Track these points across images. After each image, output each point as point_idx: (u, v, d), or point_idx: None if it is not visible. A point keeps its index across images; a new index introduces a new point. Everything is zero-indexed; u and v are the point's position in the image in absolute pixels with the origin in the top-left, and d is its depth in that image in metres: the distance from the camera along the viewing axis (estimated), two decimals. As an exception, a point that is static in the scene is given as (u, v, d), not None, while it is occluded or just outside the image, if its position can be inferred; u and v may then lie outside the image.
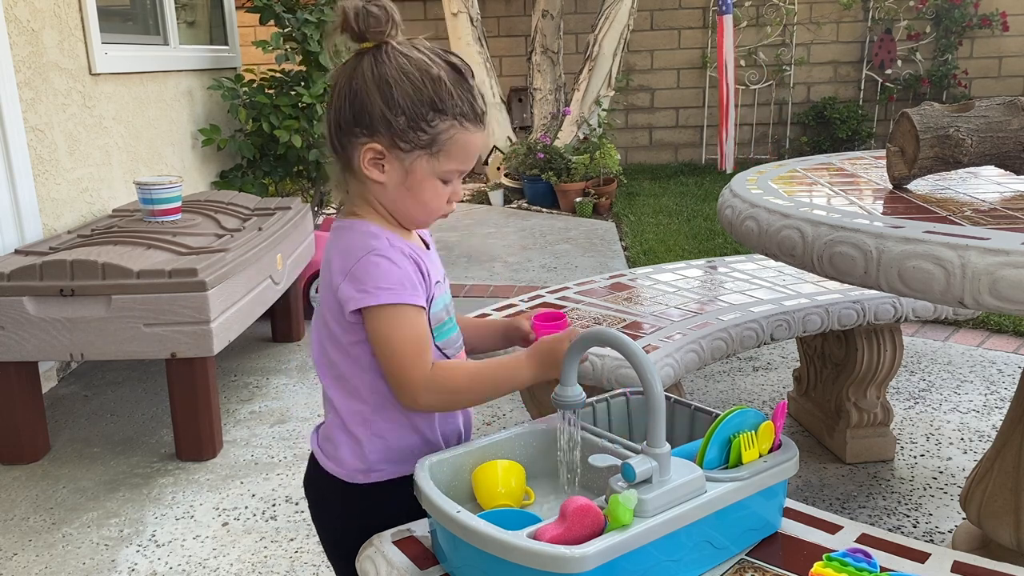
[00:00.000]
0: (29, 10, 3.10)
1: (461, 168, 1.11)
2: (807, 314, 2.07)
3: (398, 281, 1.06)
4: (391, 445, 1.15)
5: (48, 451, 2.58)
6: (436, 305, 1.14)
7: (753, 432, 1.04)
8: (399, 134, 1.06)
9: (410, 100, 1.05)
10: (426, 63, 1.06)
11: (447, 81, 1.06)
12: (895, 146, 1.63)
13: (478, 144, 1.11)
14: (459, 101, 1.06)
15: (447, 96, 1.06)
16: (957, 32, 7.45)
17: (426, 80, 1.05)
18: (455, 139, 1.08)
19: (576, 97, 6.71)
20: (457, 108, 1.06)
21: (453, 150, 1.08)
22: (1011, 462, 1.59)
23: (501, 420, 2.70)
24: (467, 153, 1.10)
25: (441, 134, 1.07)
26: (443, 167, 1.09)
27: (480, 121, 1.10)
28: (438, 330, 1.14)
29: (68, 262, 2.36)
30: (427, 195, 1.10)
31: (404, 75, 1.05)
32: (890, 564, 0.98)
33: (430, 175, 1.09)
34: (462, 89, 1.07)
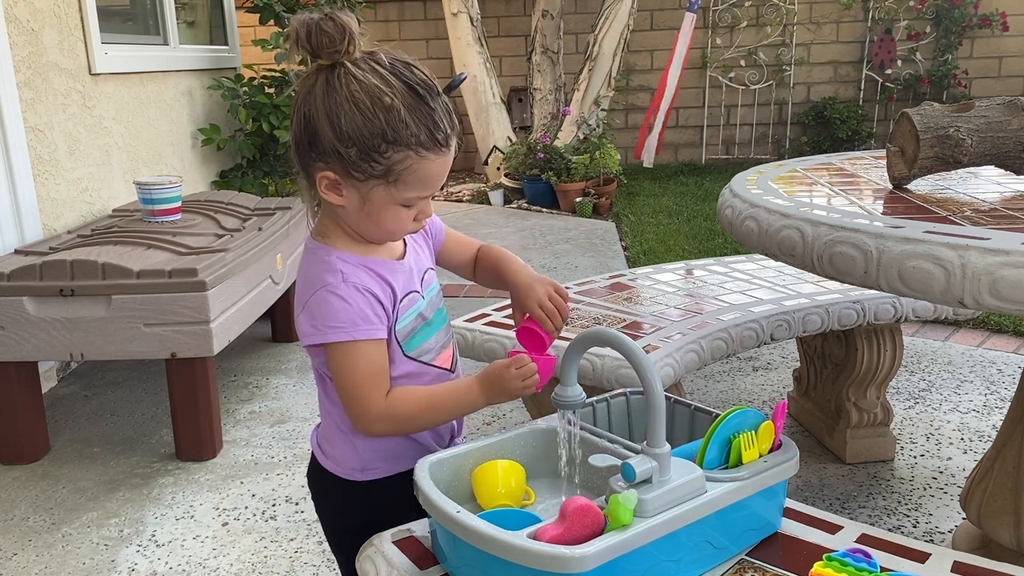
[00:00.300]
0: (29, 10, 3.10)
1: (422, 194, 1.07)
2: (807, 314, 2.07)
3: (349, 319, 1.06)
4: (384, 445, 1.17)
5: (48, 451, 2.58)
6: (404, 320, 1.13)
7: (753, 432, 1.04)
8: (351, 164, 1.03)
9: (360, 132, 1.00)
10: (378, 90, 1.00)
11: (401, 109, 1.00)
12: (895, 146, 1.63)
13: (439, 169, 1.06)
14: (415, 129, 1.01)
15: (400, 126, 1.00)
16: (957, 32, 7.45)
17: (378, 110, 0.99)
18: (411, 168, 1.03)
19: (576, 97, 6.71)
20: (412, 138, 1.01)
21: (410, 179, 1.04)
22: (1011, 462, 1.59)
23: (501, 420, 2.70)
24: (426, 181, 1.05)
25: (396, 164, 1.02)
26: (402, 195, 1.05)
27: (441, 146, 1.04)
28: (408, 342, 1.14)
29: (68, 262, 2.36)
30: (387, 221, 1.08)
31: (354, 105, 1.00)
32: (890, 564, 0.98)
33: (389, 203, 1.06)
34: (419, 115, 1.01)
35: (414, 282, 1.17)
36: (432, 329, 1.18)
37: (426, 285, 1.19)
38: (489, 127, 6.93)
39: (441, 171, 1.06)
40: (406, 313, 1.13)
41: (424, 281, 1.19)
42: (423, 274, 1.20)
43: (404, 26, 7.96)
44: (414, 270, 1.17)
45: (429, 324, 1.18)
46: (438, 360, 1.19)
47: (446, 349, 1.22)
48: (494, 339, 1.92)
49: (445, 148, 1.04)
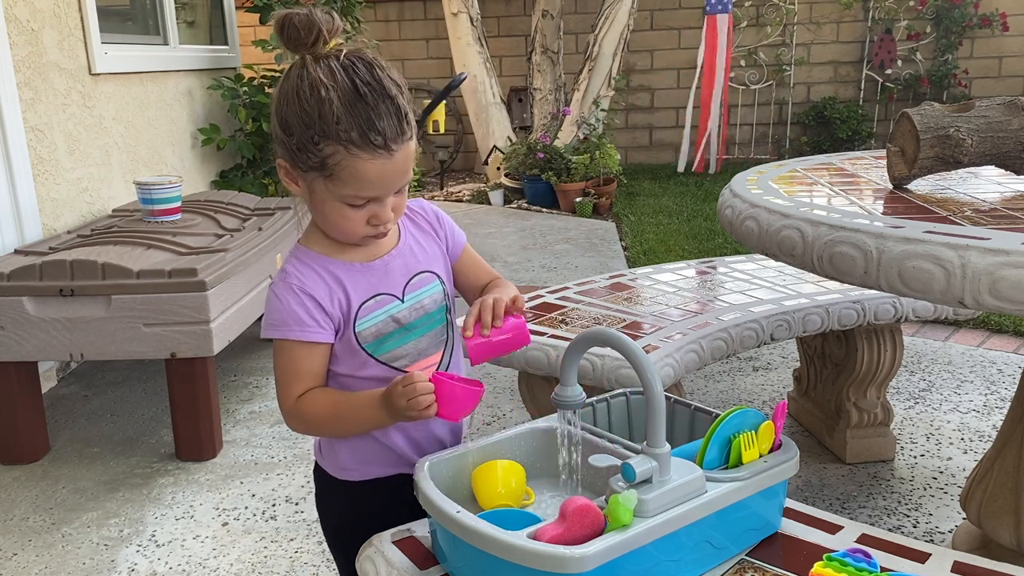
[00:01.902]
0: (29, 10, 3.10)
1: (361, 194, 1.05)
2: (807, 314, 2.07)
3: (279, 317, 1.10)
4: (356, 445, 1.19)
5: (48, 451, 2.58)
6: (367, 322, 1.12)
7: (753, 432, 1.04)
8: (294, 154, 1.05)
9: (297, 121, 1.02)
10: (320, 84, 1.00)
11: (334, 103, 1.00)
12: (895, 146, 1.63)
13: (376, 171, 1.03)
14: (346, 126, 1.00)
15: (331, 120, 1.00)
16: (957, 32, 7.45)
17: (314, 101, 1.00)
18: (343, 165, 1.02)
19: (576, 97, 6.71)
20: (343, 133, 1.00)
21: (343, 175, 1.03)
22: (1011, 462, 1.59)
23: (501, 420, 2.70)
24: (362, 180, 1.03)
25: (328, 158, 1.02)
26: (340, 191, 1.05)
27: (377, 147, 1.01)
28: (377, 344, 1.13)
29: (68, 262, 2.36)
30: (332, 216, 1.08)
31: (296, 95, 1.02)
32: (890, 564, 0.98)
33: (329, 198, 1.06)
34: (354, 112, 1.00)
35: (388, 284, 1.15)
36: (411, 335, 1.16)
37: (413, 288, 1.17)
38: (489, 127, 6.93)
39: (380, 174, 1.03)
40: (371, 315, 1.13)
41: (411, 284, 1.17)
42: (412, 276, 1.17)
43: (404, 26, 7.96)
44: (395, 271, 1.16)
45: (407, 329, 1.15)
46: (415, 367, 1.17)
47: (429, 357, 1.18)
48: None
49: (381, 151, 1.02)
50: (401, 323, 1.15)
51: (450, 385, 1.02)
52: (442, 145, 7.69)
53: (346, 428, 1.15)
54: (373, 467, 1.20)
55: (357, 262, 1.14)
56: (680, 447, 1.06)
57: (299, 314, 1.09)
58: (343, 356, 1.14)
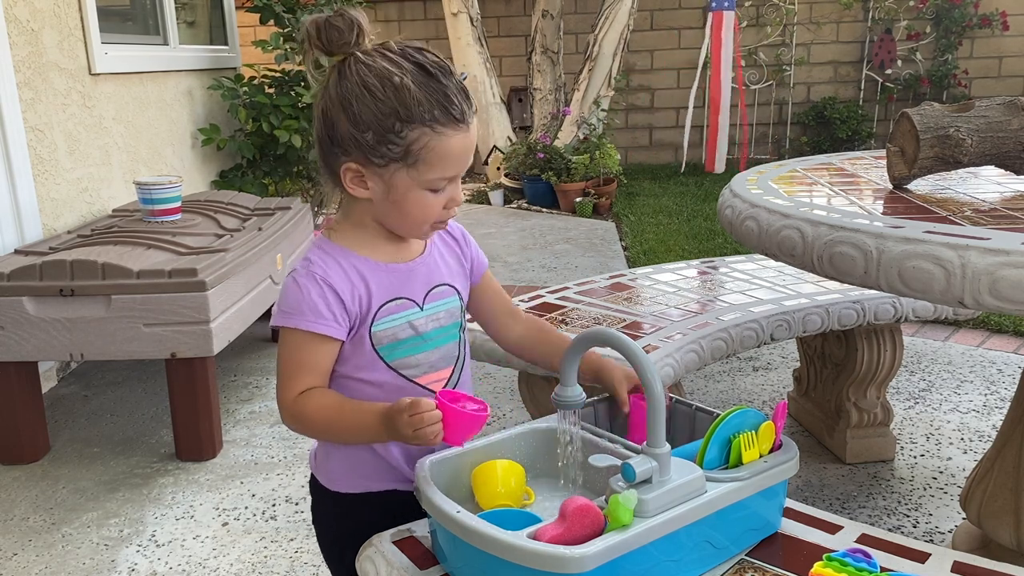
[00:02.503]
0: (29, 10, 3.10)
1: (445, 175, 1.05)
2: (807, 314, 2.07)
3: (295, 305, 1.06)
4: (351, 456, 1.16)
5: (48, 451, 2.58)
6: (383, 324, 1.10)
7: (753, 432, 1.04)
8: (370, 150, 1.03)
9: (374, 114, 1.01)
10: (387, 72, 1.01)
11: (411, 87, 1.00)
12: (895, 146, 1.63)
13: (460, 146, 1.04)
14: (428, 106, 1.01)
15: (413, 103, 1.00)
16: (957, 32, 7.45)
17: (388, 90, 1.00)
18: (429, 147, 1.02)
19: (576, 97, 6.71)
20: (427, 114, 1.01)
21: (431, 158, 1.03)
22: (1011, 462, 1.59)
23: (501, 420, 2.70)
24: (447, 158, 1.04)
25: (413, 143, 1.02)
26: (424, 176, 1.04)
27: (459, 121, 1.03)
28: (391, 348, 1.11)
29: (68, 262, 2.36)
30: (414, 207, 1.07)
31: (365, 89, 1.01)
32: (890, 564, 0.98)
33: (413, 187, 1.05)
34: (430, 91, 1.01)
35: (411, 289, 1.13)
36: (427, 345, 1.14)
37: (433, 298, 1.15)
38: (489, 127, 6.93)
39: (462, 149, 1.05)
40: (388, 317, 1.10)
41: (432, 294, 1.15)
42: (433, 287, 1.15)
43: (404, 26, 7.96)
44: (418, 278, 1.14)
45: (423, 339, 1.14)
46: (424, 379, 1.15)
47: (440, 371, 1.16)
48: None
49: (462, 123, 1.03)
50: (417, 331, 1.13)
51: (455, 412, 0.99)
52: (442, 145, 7.68)
53: (342, 436, 1.12)
54: (366, 480, 1.17)
55: (382, 261, 1.12)
56: (680, 447, 1.06)
57: (318, 305, 1.06)
58: (351, 356, 1.11)
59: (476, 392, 1.18)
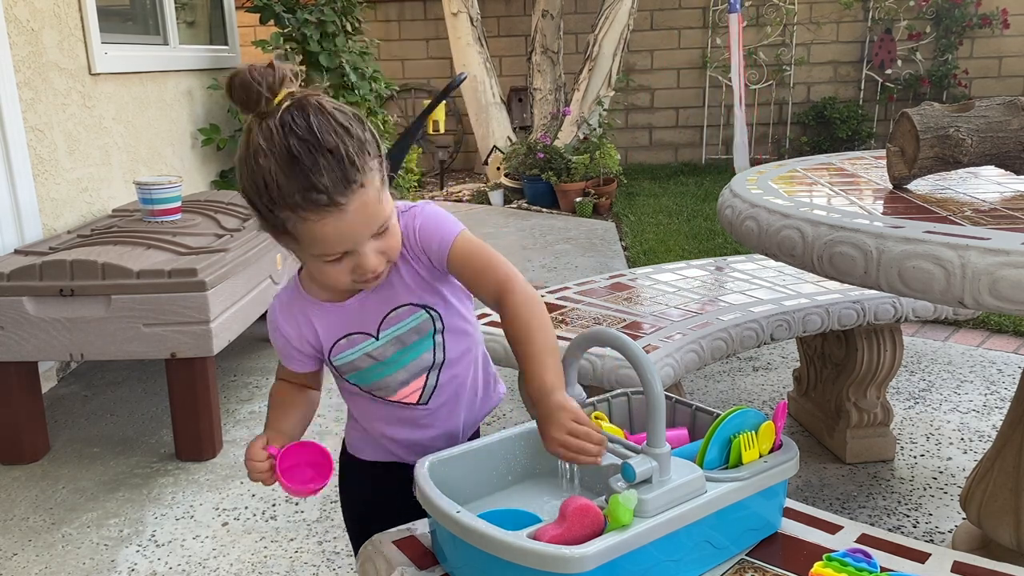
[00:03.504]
0: (29, 10, 3.10)
1: (328, 252, 1.01)
2: (807, 314, 2.07)
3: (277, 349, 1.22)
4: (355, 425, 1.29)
5: (48, 451, 2.58)
6: (341, 359, 1.16)
7: (753, 432, 1.04)
8: (261, 219, 1.02)
9: (252, 192, 0.99)
10: (260, 151, 0.96)
11: (274, 170, 0.95)
12: (895, 146, 1.63)
13: (332, 229, 0.98)
14: (288, 191, 0.95)
15: (275, 188, 0.96)
16: (957, 32, 7.44)
17: (257, 172, 0.97)
18: (299, 228, 0.98)
19: (576, 97, 6.71)
20: (288, 199, 0.96)
21: (305, 238, 1.00)
22: (1011, 462, 1.59)
23: (501, 420, 2.70)
24: (321, 240, 0.99)
25: (286, 223, 0.99)
26: (309, 251, 1.02)
27: (323, 206, 0.96)
28: (358, 376, 1.18)
29: (68, 262, 2.36)
30: (316, 273, 1.07)
31: (245, 164, 0.98)
32: (890, 564, 0.98)
33: (305, 257, 1.05)
34: (293, 176, 0.95)
35: (361, 323, 1.13)
36: (390, 368, 1.15)
37: (390, 324, 1.13)
38: (489, 127, 6.93)
39: (336, 230, 0.98)
40: (344, 353, 1.15)
41: (388, 319, 1.13)
42: (391, 311, 1.13)
43: (404, 26, 7.96)
44: (369, 309, 1.13)
45: (385, 364, 1.15)
46: (398, 396, 1.19)
47: (412, 383, 1.18)
48: (494, 339, 1.92)
49: (329, 207, 0.96)
50: (377, 359, 1.15)
51: (280, 478, 1.11)
52: (442, 145, 7.69)
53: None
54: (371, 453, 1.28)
55: (329, 302, 1.14)
56: (680, 447, 1.06)
57: (280, 346, 1.19)
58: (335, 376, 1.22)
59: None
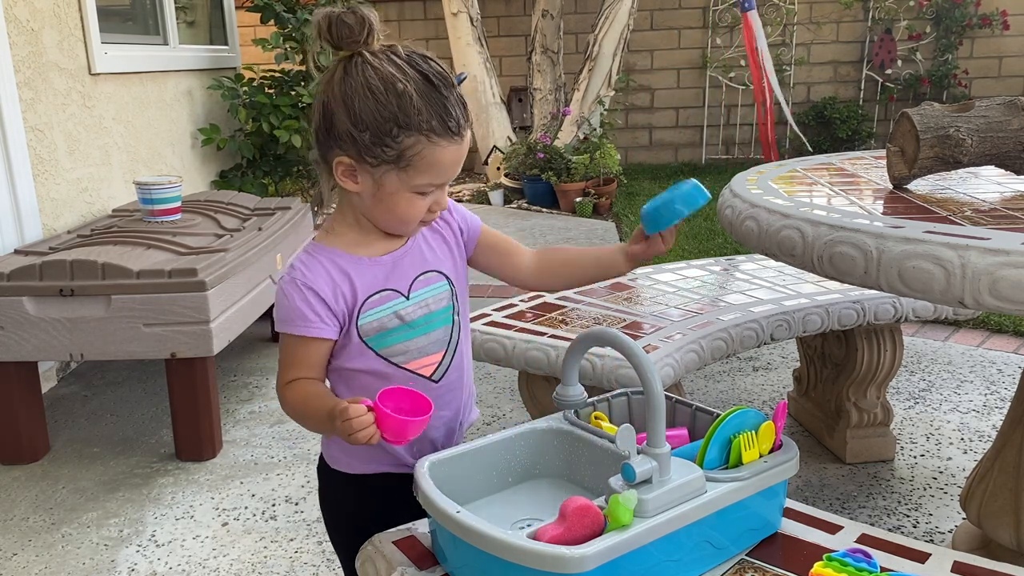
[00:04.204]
0: (29, 10, 3.10)
1: (434, 182, 1.09)
2: (807, 314, 2.07)
3: (286, 314, 1.13)
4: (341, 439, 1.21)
5: (48, 451, 2.58)
6: (369, 316, 1.13)
7: (753, 432, 1.04)
8: (366, 149, 1.06)
9: (373, 116, 1.04)
10: (392, 77, 1.03)
11: (413, 95, 1.03)
12: (895, 146, 1.63)
13: (451, 157, 1.08)
14: (427, 115, 1.04)
15: (412, 111, 1.03)
16: (957, 32, 7.44)
17: (391, 95, 1.03)
18: (422, 154, 1.05)
19: (576, 97, 6.71)
20: (424, 123, 1.04)
21: (422, 165, 1.06)
22: (1011, 462, 1.59)
23: (501, 420, 2.70)
24: (438, 167, 1.07)
25: (407, 149, 1.05)
26: (413, 181, 1.07)
27: (454, 133, 1.06)
28: (379, 338, 1.15)
29: (68, 262, 2.36)
30: (400, 207, 1.10)
31: (368, 91, 1.03)
32: (890, 564, 0.98)
33: (401, 188, 1.08)
34: (431, 101, 1.04)
35: (396, 280, 1.16)
36: (414, 332, 1.17)
37: (420, 286, 1.18)
38: (489, 127, 6.92)
39: (453, 160, 1.08)
40: (374, 309, 1.14)
41: (419, 280, 1.18)
42: (420, 274, 1.18)
43: (404, 26, 7.96)
44: (404, 267, 1.17)
45: (410, 326, 1.16)
46: (413, 364, 1.17)
47: (429, 356, 1.19)
48: (494, 339, 1.92)
49: (456, 136, 1.06)
50: (404, 320, 1.16)
51: (389, 416, 1.00)
52: (442, 145, 7.68)
53: (310, 425, 1.17)
54: (359, 462, 1.22)
55: (366, 256, 1.15)
56: (680, 447, 1.06)
57: (303, 310, 1.11)
58: (342, 348, 1.15)
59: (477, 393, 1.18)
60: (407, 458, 1.20)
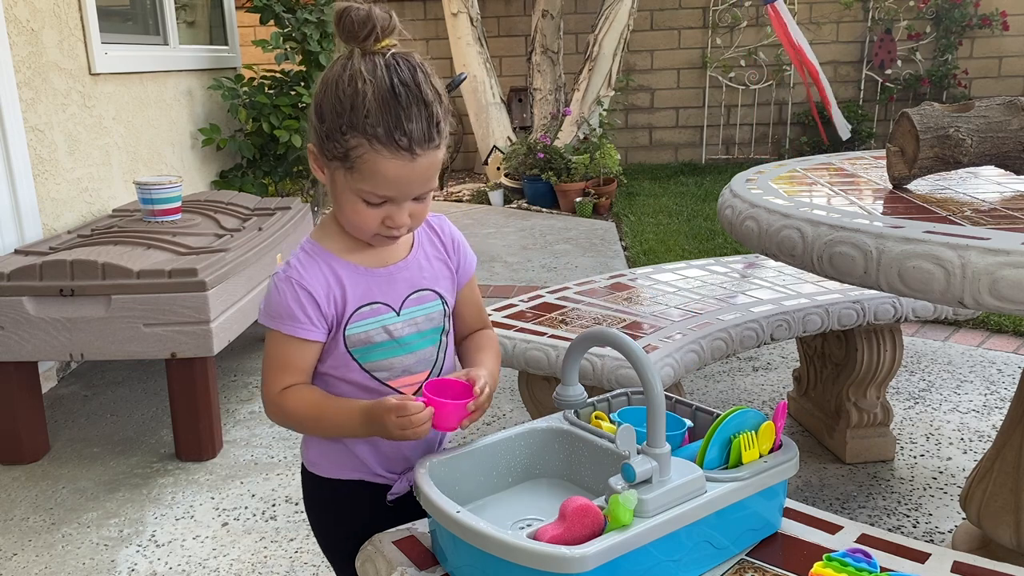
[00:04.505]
0: (29, 10, 3.10)
1: (377, 191, 1.05)
2: (807, 314, 2.07)
3: (275, 309, 1.12)
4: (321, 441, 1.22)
5: (48, 451, 2.58)
6: (357, 327, 1.12)
7: (753, 432, 1.04)
8: (322, 141, 1.06)
9: (330, 110, 1.04)
10: (358, 75, 1.02)
11: (368, 97, 1.01)
12: (895, 146, 1.63)
13: (395, 172, 1.03)
14: (375, 121, 1.01)
15: (362, 113, 1.01)
16: (957, 32, 7.44)
17: (348, 93, 1.02)
18: (364, 159, 1.03)
19: (576, 97, 6.71)
20: (370, 128, 1.01)
21: (364, 170, 1.04)
22: (1011, 462, 1.59)
23: (501, 420, 2.70)
24: (380, 178, 1.04)
25: (352, 150, 1.04)
26: (356, 184, 1.06)
27: (401, 148, 1.02)
28: (365, 351, 1.14)
29: (68, 262, 2.36)
30: (348, 209, 1.09)
31: (335, 84, 1.04)
32: (890, 564, 0.98)
33: (347, 190, 1.07)
34: (386, 109, 1.01)
35: (388, 294, 1.14)
36: (401, 350, 1.15)
37: (412, 303, 1.16)
38: (489, 127, 6.92)
39: (399, 175, 1.04)
40: (362, 321, 1.13)
41: (412, 298, 1.16)
42: (414, 291, 1.16)
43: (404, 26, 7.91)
44: (398, 282, 1.15)
45: (398, 343, 1.15)
46: (396, 382, 1.16)
47: (413, 375, 1.17)
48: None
49: (405, 152, 1.02)
50: (392, 335, 1.14)
51: (444, 405, 1.04)
52: (442, 145, 7.67)
53: (322, 430, 1.16)
54: (337, 468, 1.21)
55: (363, 266, 1.14)
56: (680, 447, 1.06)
57: (293, 310, 1.10)
58: (328, 355, 1.14)
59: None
60: (378, 468, 1.20)
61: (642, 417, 0.99)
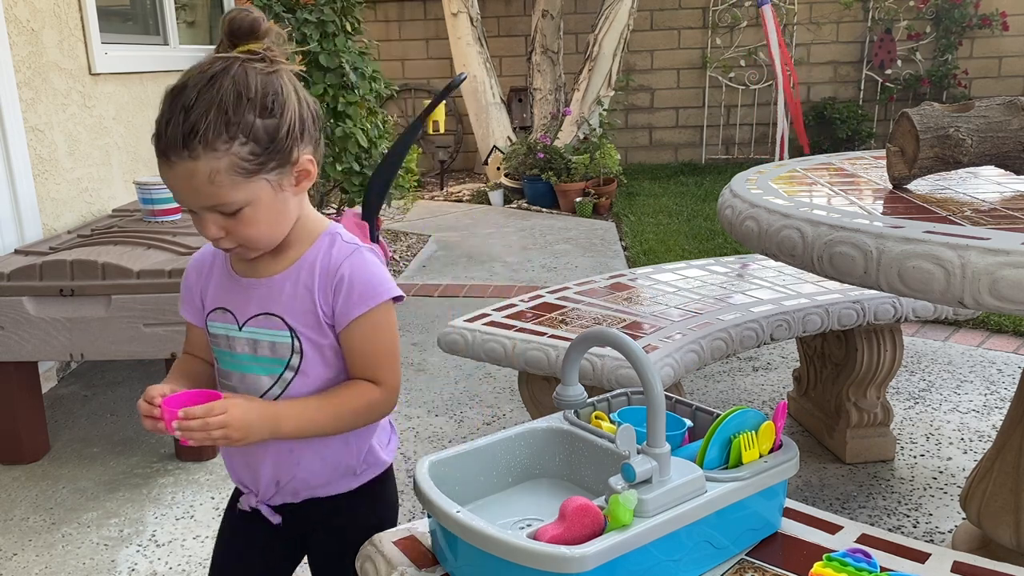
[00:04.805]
0: (29, 10, 3.10)
1: (175, 197, 1.05)
2: (807, 314, 2.07)
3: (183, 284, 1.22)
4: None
5: (48, 451, 2.58)
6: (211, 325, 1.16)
7: (753, 432, 1.04)
8: None
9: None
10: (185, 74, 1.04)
11: (166, 96, 1.03)
12: (895, 146, 1.63)
13: (165, 178, 1.02)
14: (157, 125, 1.01)
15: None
16: (957, 32, 7.45)
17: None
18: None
19: (576, 97, 6.71)
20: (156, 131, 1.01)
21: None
22: (1011, 462, 1.59)
23: (501, 420, 2.70)
24: (166, 179, 1.03)
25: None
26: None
27: (160, 152, 1.00)
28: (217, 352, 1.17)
29: (68, 262, 2.36)
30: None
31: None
32: (890, 564, 0.98)
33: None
34: (162, 109, 1.02)
35: (237, 304, 1.13)
36: (235, 366, 1.14)
37: (257, 323, 1.11)
38: (489, 127, 6.93)
39: (166, 178, 1.02)
40: (215, 323, 1.16)
41: (258, 319, 1.11)
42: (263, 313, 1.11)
43: (404, 26, 7.96)
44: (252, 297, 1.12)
45: (232, 357, 1.14)
46: (226, 393, 1.10)
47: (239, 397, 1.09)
48: (494, 339, 1.92)
49: (160, 155, 1.00)
50: (232, 348, 1.14)
51: (171, 414, 1.01)
52: (442, 145, 7.69)
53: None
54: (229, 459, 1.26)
55: (235, 270, 1.16)
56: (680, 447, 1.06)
57: (183, 285, 1.21)
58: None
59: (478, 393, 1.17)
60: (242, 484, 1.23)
61: (642, 417, 0.99)
